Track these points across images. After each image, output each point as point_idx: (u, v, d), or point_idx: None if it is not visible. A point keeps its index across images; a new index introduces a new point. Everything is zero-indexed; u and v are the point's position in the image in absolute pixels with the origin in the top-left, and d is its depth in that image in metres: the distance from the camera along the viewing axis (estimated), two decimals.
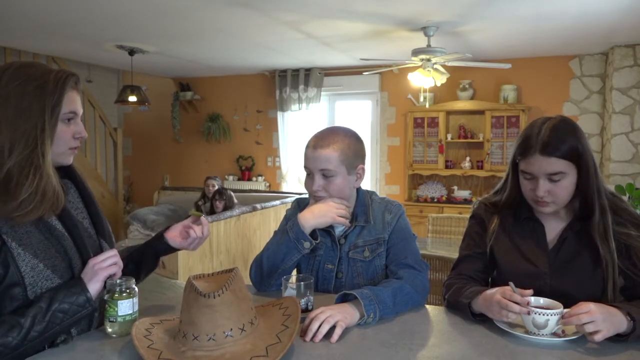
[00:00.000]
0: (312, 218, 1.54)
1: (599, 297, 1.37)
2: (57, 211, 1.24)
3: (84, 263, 1.27)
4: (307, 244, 1.54)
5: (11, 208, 1.15)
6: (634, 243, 1.38)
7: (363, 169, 1.62)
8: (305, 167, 1.60)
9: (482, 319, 1.35)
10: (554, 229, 1.49)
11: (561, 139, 1.38)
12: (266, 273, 1.59)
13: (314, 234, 1.56)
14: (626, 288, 1.41)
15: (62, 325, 1.17)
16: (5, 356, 1.11)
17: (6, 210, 1.15)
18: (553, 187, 1.39)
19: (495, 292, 1.31)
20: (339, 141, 1.56)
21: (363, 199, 1.67)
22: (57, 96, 1.20)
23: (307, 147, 1.59)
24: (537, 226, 1.50)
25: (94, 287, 1.23)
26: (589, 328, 1.18)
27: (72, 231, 1.29)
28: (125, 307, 1.26)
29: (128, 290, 1.27)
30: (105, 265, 1.25)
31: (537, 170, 1.40)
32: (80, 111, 1.29)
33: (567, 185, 1.40)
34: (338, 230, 1.64)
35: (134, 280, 1.30)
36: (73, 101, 1.25)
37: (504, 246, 1.53)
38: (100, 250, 1.34)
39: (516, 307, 1.25)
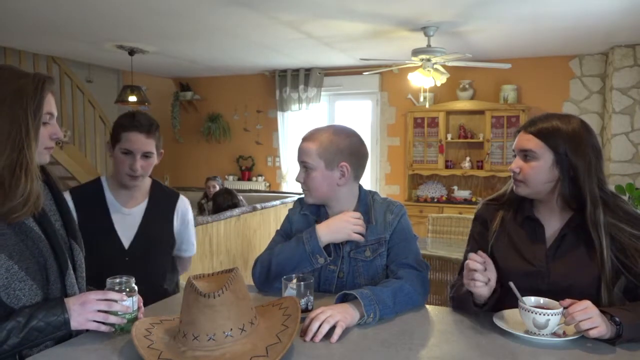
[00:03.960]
0: (327, 233, 1.55)
1: (595, 295, 1.38)
2: (37, 212, 1.24)
3: (59, 265, 1.27)
4: (321, 260, 1.54)
5: (7, 210, 1.16)
6: (625, 239, 1.39)
7: (347, 167, 1.59)
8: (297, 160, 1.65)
9: (485, 310, 1.38)
10: (553, 227, 1.49)
11: (545, 121, 1.45)
12: (273, 277, 1.59)
13: (327, 248, 1.57)
14: (628, 290, 1.41)
15: (36, 342, 1.17)
16: None
17: (2, 212, 1.16)
18: (524, 165, 1.46)
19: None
20: (321, 136, 1.59)
21: (365, 199, 1.67)
22: (38, 99, 1.21)
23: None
24: (536, 226, 1.51)
25: (74, 325, 1.21)
26: (585, 325, 1.19)
27: (49, 233, 1.29)
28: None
29: (128, 290, 1.27)
30: (93, 318, 1.22)
31: (516, 146, 1.49)
32: (56, 112, 1.30)
33: (536, 166, 1.44)
34: None
35: (133, 279, 1.30)
36: (50, 103, 1.26)
37: (503, 246, 1.53)
38: (70, 252, 1.34)
39: (475, 264, 1.35)
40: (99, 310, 1.23)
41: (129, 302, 1.26)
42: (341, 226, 1.55)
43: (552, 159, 1.43)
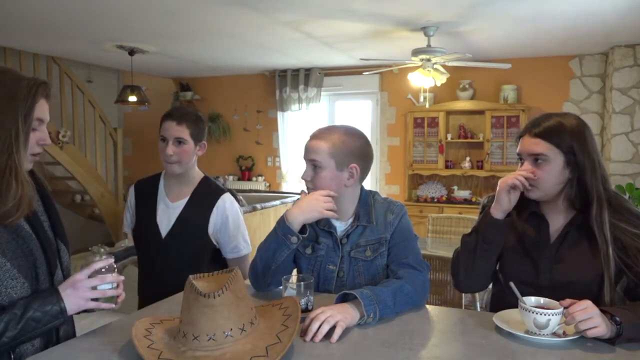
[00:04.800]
0: (299, 214, 1.54)
1: (597, 293, 1.38)
2: (30, 213, 1.26)
3: (49, 265, 1.28)
4: (294, 239, 1.53)
5: (1, 215, 1.17)
6: (627, 239, 1.39)
7: (357, 169, 1.59)
8: (303, 159, 1.63)
9: (501, 225, 1.49)
10: (556, 224, 1.50)
11: (547, 120, 1.45)
12: (260, 271, 1.59)
13: (303, 228, 1.56)
14: (629, 289, 1.41)
15: (34, 333, 1.18)
16: None
17: None
18: (535, 170, 1.45)
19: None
20: (333, 135, 1.58)
21: (366, 199, 1.67)
22: (30, 104, 1.21)
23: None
24: (541, 222, 1.51)
25: (71, 308, 1.22)
26: (585, 325, 1.20)
27: (39, 233, 1.30)
28: (107, 284, 1.27)
29: (107, 267, 1.28)
30: (90, 296, 1.23)
31: (523, 150, 1.48)
32: (47, 119, 1.29)
33: (548, 170, 1.43)
34: (339, 231, 1.64)
35: (113, 257, 1.31)
36: (42, 109, 1.25)
37: (508, 239, 1.54)
38: (58, 253, 1.34)
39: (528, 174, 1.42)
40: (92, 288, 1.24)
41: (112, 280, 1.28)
42: (312, 205, 1.54)
43: (563, 161, 1.43)
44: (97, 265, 1.27)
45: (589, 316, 1.19)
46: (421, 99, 5.80)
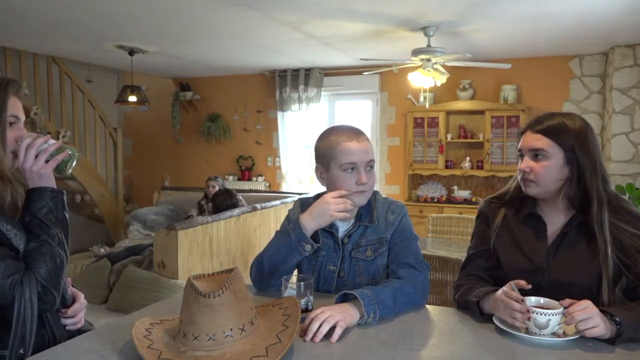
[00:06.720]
0: (311, 220, 1.54)
1: (596, 293, 1.38)
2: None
3: None
4: (308, 247, 1.54)
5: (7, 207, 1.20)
6: (626, 239, 1.39)
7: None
8: (349, 163, 1.54)
9: (490, 318, 1.35)
10: (556, 224, 1.50)
11: (551, 119, 1.45)
12: (266, 273, 1.59)
13: (316, 236, 1.56)
14: (628, 289, 1.41)
15: (60, 219, 1.25)
16: (64, 263, 1.23)
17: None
18: (535, 164, 1.45)
19: (500, 291, 1.33)
20: (365, 134, 1.62)
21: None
22: (1, 102, 1.23)
23: (349, 141, 1.54)
24: (539, 223, 1.51)
25: (49, 182, 1.26)
26: (585, 325, 1.20)
27: None
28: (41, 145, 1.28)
29: (33, 138, 1.28)
30: (42, 162, 1.26)
31: (524, 146, 1.48)
32: (23, 117, 1.30)
33: (548, 165, 1.44)
34: (341, 231, 1.64)
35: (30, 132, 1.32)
36: (14, 106, 1.27)
37: (505, 242, 1.54)
38: None
39: (516, 305, 1.25)
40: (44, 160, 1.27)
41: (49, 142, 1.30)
42: (322, 209, 1.53)
43: (563, 158, 1.43)
44: (22, 145, 1.26)
45: (589, 316, 1.20)
46: (421, 99, 5.80)
